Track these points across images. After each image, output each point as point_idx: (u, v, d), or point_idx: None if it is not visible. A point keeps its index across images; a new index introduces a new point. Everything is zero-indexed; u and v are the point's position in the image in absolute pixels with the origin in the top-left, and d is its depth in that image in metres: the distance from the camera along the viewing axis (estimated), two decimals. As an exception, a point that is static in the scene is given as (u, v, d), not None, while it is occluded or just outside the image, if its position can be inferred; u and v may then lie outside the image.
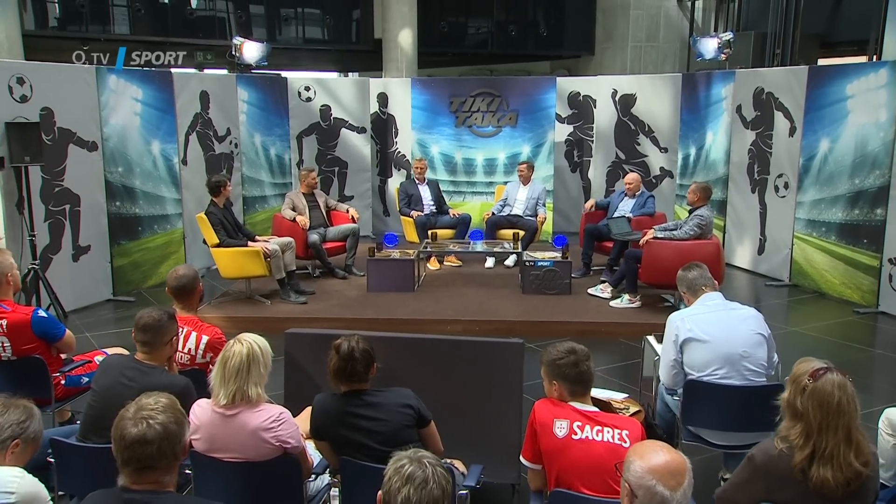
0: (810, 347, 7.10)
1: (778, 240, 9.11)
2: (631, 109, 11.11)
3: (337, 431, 3.21)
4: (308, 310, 7.57)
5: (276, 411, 3.15)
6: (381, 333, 4.35)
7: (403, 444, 3.15)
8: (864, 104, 7.87)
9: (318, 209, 8.96)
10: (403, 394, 3.29)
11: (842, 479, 2.64)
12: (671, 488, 2.22)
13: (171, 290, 4.30)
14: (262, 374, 3.15)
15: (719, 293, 4.31)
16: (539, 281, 8.03)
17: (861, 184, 7.91)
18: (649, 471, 2.25)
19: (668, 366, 4.16)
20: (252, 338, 3.21)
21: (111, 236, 8.20)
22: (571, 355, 3.12)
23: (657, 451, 2.30)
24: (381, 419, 3.18)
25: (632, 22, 14.91)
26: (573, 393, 3.11)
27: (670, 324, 4.18)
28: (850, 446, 2.68)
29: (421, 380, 4.13)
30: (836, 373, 2.75)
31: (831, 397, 2.68)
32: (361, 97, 11.37)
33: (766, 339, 4.06)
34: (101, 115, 7.96)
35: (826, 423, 2.67)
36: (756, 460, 2.82)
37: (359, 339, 3.26)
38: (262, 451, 3.11)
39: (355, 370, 3.19)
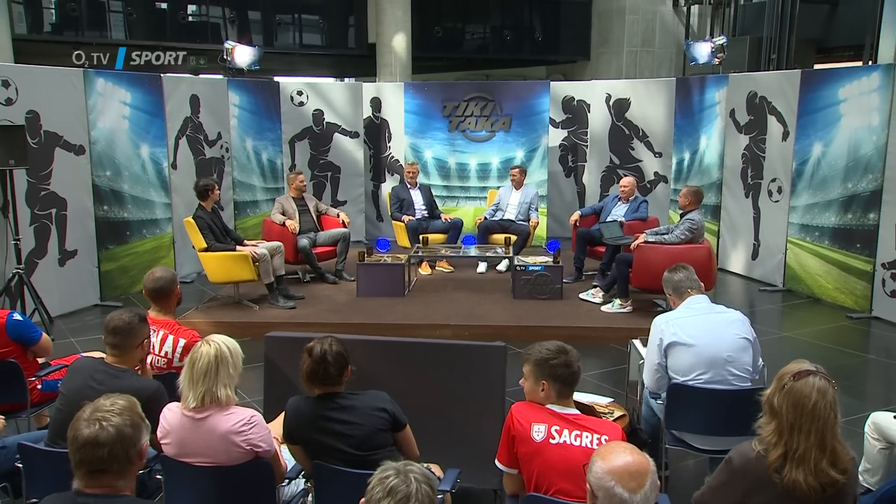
0: (803, 353, 7.03)
1: (772, 245, 9.06)
2: (625, 114, 11.07)
3: (310, 435, 3.16)
4: (296, 314, 7.52)
5: (248, 414, 3.10)
6: (361, 337, 4.31)
7: (378, 448, 3.12)
8: (857, 108, 7.83)
9: (308, 213, 8.92)
10: (378, 397, 3.24)
11: (815, 484, 2.59)
12: (631, 490, 2.18)
13: (148, 292, 4.26)
14: (231, 375, 3.10)
15: (705, 296, 4.26)
16: (530, 286, 7.98)
17: (854, 188, 7.87)
18: (609, 472, 2.20)
19: (652, 370, 4.11)
20: (221, 339, 3.16)
21: (99, 241, 8.15)
22: (563, 355, 3.07)
23: (620, 452, 2.26)
24: (354, 423, 3.13)
25: (627, 27, 14.91)
26: (561, 394, 3.06)
27: (655, 327, 4.14)
28: (823, 453, 2.62)
29: (402, 384, 4.09)
30: (821, 378, 2.69)
31: (807, 399, 2.63)
32: (354, 102, 11.33)
33: (751, 344, 4.01)
34: (88, 119, 7.92)
35: (798, 425, 2.63)
36: (733, 463, 2.77)
37: (332, 341, 3.21)
38: (232, 456, 3.05)
39: (328, 373, 3.14)
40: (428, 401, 3.97)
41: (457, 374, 4.06)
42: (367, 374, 4.08)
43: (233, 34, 14.40)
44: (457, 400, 4.04)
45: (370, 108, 11.59)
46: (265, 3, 15.13)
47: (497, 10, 16.35)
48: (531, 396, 3.13)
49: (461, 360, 4.09)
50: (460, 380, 4.04)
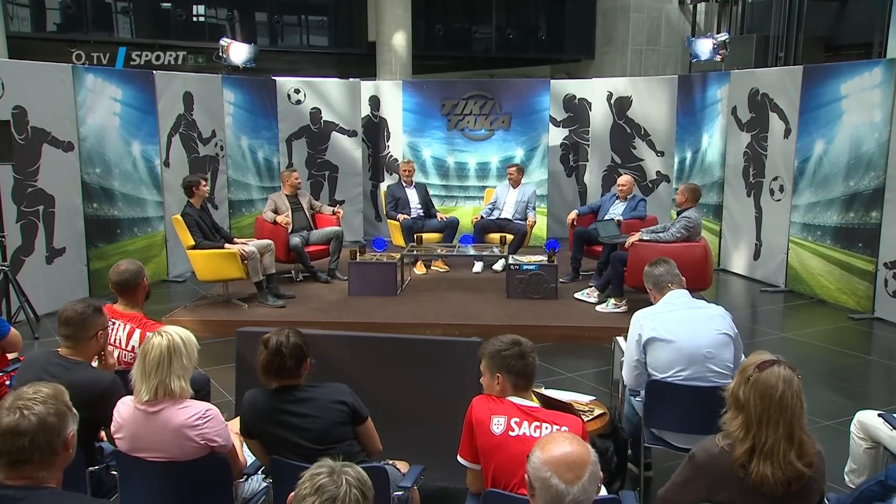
0: (804, 354, 6.96)
1: (773, 244, 8.96)
2: (626, 112, 10.98)
3: (266, 429, 3.10)
4: (285, 313, 7.47)
5: (202, 408, 3.05)
6: (335, 332, 4.26)
7: (336, 442, 3.06)
8: (859, 104, 7.73)
9: (301, 211, 8.87)
10: (338, 389, 3.18)
11: (781, 477, 2.54)
12: (567, 482, 2.11)
13: (114, 285, 4.21)
14: (185, 366, 3.05)
15: (685, 291, 4.17)
16: (524, 285, 7.91)
17: (856, 186, 7.76)
18: (546, 462, 2.14)
19: (631, 366, 4.04)
20: (174, 329, 3.11)
21: (88, 239, 8.13)
22: (516, 346, 3.02)
23: (559, 442, 2.20)
24: (312, 416, 3.07)
25: (632, 25, 14.83)
26: (516, 386, 3.00)
27: (634, 323, 4.07)
28: (791, 444, 2.57)
29: (375, 379, 4.06)
30: (785, 366, 2.64)
31: (774, 389, 2.58)
32: (352, 100, 11.29)
33: (732, 340, 3.93)
34: (77, 115, 7.91)
35: (767, 417, 2.57)
36: (697, 458, 2.71)
37: (289, 333, 3.15)
38: (186, 450, 3.00)
39: (284, 365, 3.08)
40: (401, 397, 3.92)
41: (431, 370, 4.00)
42: (339, 369, 4.04)
43: (230, 33, 14.42)
44: (431, 396, 3.98)
45: (369, 106, 11.55)
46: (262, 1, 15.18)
47: (500, 9, 16.29)
48: (489, 391, 3.07)
49: (435, 356, 4.04)
50: (435, 375, 3.99)
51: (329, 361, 4.04)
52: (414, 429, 3.82)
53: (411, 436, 3.72)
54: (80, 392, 3.15)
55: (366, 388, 4.01)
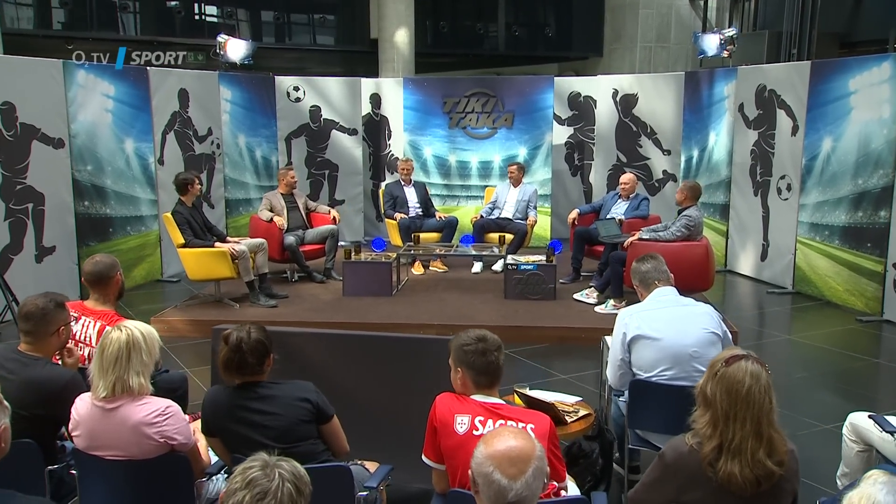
0: (809, 356, 6.90)
1: (781, 245, 8.86)
2: (632, 110, 10.91)
3: (227, 426, 3.06)
4: (277, 313, 7.44)
5: (162, 405, 3.01)
6: (309, 329, 4.22)
7: (299, 440, 3.02)
8: (868, 100, 7.63)
9: (297, 210, 8.85)
10: (302, 387, 3.13)
11: (750, 476, 2.49)
12: (510, 477, 2.06)
13: (86, 276, 4.18)
14: (144, 362, 3.01)
15: (672, 288, 4.10)
16: (522, 285, 7.85)
17: (864, 184, 7.66)
18: (489, 457, 2.10)
19: (615, 365, 3.98)
20: (134, 324, 3.08)
21: (79, 237, 8.12)
22: (480, 343, 2.95)
23: (503, 436, 2.16)
24: (274, 413, 3.03)
25: (641, 21, 14.75)
26: (477, 384, 2.94)
27: (619, 320, 4.01)
28: (759, 441, 2.52)
29: (348, 377, 4.03)
30: (753, 361, 2.60)
31: (741, 385, 2.53)
32: (353, 98, 11.27)
33: (720, 339, 3.86)
34: (68, 111, 7.91)
35: (734, 413, 2.53)
36: (666, 458, 2.67)
37: (251, 328, 3.11)
38: (145, 449, 2.96)
39: (245, 362, 3.04)
40: (374, 395, 3.88)
41: (405, 368, 3.95)
42: (312, 366, 4.01)
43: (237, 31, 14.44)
44: (405, 394, 3.92)
45: (369, 104, 11.53)
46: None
47: (507, 6, 16.24)
48: (455, 386, 3.02)
49: (410, 354, 3.99)
50: (409, 374, 3.94)
51: (302, 359, 4.01)
52: (387, 428, 3.77)
53: (384, 435, 3.68)
54: (38, 389, 3.14)
55: (339, 387, 3.98)
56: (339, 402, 3.84)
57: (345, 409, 3.82)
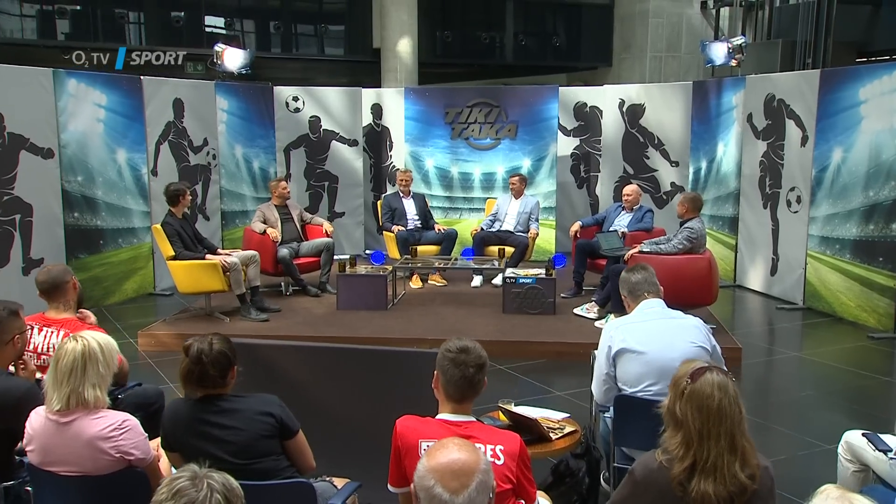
0: (818, 375, 6.82)
1: (791, 259, 8.77)
2: (639, 120, 10.84)
3: (187, 441, 3.01)
4: (267, 327, 7.41)
5: (119, 418, 2.97)
6: (284, 342, 4.19)
7: (261, 456, 2.97)
8: (878, 109, 7.55)
9: (291, 222, 8.83)
10: (265, 400, 3.08)
11: (724, 493, 2.44)
12: (452, 491, 2.01)
13: (41, 287, 4.17)
14: (101, 374, 2.98)
15: (660, 300, 4.05)
16: (520, 299, 7.79)
17: (876, 196, 7.57)
18: (431, 470, 2.05)
19: (600, 380, 3.92)
20: (91, 335, 3.04)
21: (68, 249, 8.11)
22: (460, 354, 2.87)
23: (446, 449, 2.11)
24: (234, 428, 2.98)
25: (651, 31, 14.72)
26: (447, 394, 2.87)
27: (604, 333, 3.95)
28: (734, 455, 2.48)
29: (324, 391, 3.98)
30: (717, 372, 2.56)
31: (711, 399, 2.48)
32: (353, 108, 11.26)
33: (708, 353, 3.79)
34: (58, 121, 7.93)
35: (707, 430, 2.48)
36: (636, 474, 2.62)
37: (213, 339, 3.07)
38: (100, 464, 2.92)
39: (206, 374, 3.00)
40: (351, 410, 3.83)
41: (384, 382, 3.90)
42: (287, 380, 3.98)
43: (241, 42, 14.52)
44: (382, 410, 3.84)
45: (371, 114, 11.52)
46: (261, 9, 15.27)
47: (512, 14, 16.23)
48: (434, 389, 2.94)
49: (387, 368, 3.93)
50: (387, 388, 3.89)
51: (277, 372, 3.98)
52: (361, 444, 3.71)
53: (358, 451, 3.62)
54: (-8, 400, 3.10)
55: (314, 401, 3.95)
56: (314, 416, 3.81)
57: (319, 424, 3.78)
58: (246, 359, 4.05)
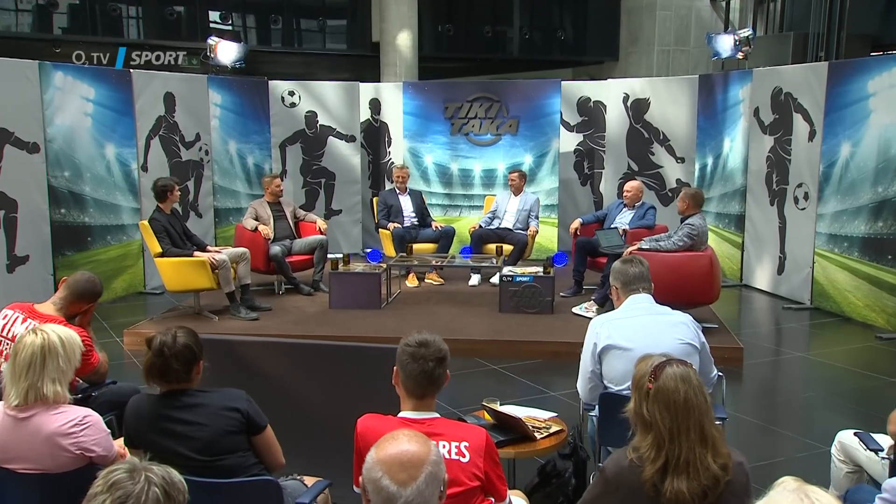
0: (823, 376, 6.78)
1: (798, 258, 8.71)
2: (644, 115, 10.79)
3: (149, 437, 2.99)
4: (257, 326, 7.40)
5: (79, 414, 2.95)
6: (258, 338, 4.17)
7: (227, 452, 2.95)
8: (887, 102, 7.49)
9: (284, 219, 8.83)
10: (232, 395, 3.06)
11: (698, 489, 2.42)
12: (400, 483, 1.98)
13: (77, 285, 4.19)
14: (61, 368, 2.96)
15: (649, 296, 4.01)
16: (518, 298, 7.76)
17: (885, 192, 7.51)
18: (378, 462, 2.03)
19: (586, 378, 3.90)
20: (52, 328, 3.03)
21: (55, 246, 8.11)
22: (421, 348, 2.86)
23: (396, 440, 2.08)
24: (198, 423, 2.96)
25: (659, 24, 14.66)
26: (407, 390, 2.85)
27: (590, 329, 3.92)
28: (705, 447, 2.47)
29: (298, 388, 3.96)
30: (677, 364, 2.56)
31: (676, 394, 2.47)
32: (350, 103, 11.25)
33: (696, 350, 3.76)
34: (44, 115, 7.93)
35: (677, 427, 2.47)
36: (607, 472, 2.60)
37: (177, 332, 3.05)
38: (60, 461, 2.90)
39: (170, 368, 2.98)
40: (324, 407, 3.80)
41: (358, 379, 3.88)
42: (260, 377, 3.96)
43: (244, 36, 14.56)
44: (356, 407, 3.82)
45: (369, 110, 11.51)
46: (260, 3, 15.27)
47: (518, 8, 16.20)
48: (395, 384, 2.92)
49: (369, 364, 3.91)
50: (361, 385, 3.85)
51: (252, 369, 3.97)
52: (339, 442, 3.67)
53: (331, 449, 3.59)
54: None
55: (291, 398, 3.93)
56: (292, 414, 3.80)
57: (298, 423, 3.77)
58: (223, 356, 4.06)
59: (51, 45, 14.07)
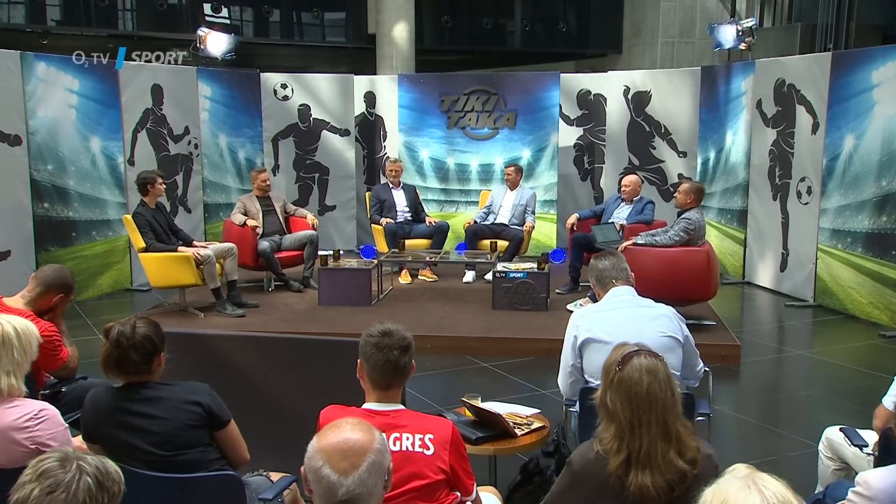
0: (824, 374, 6.75)
1: (801, 254, 8.66)
2: (645, 109, 10.74)
3: (108, 431, 2.96)
4: (243, 323, 7.39)
5: (35, 408, 2.93)
6: (230, 332, 4.16)
7: (187, 447, 2.93)
8: (891, 93, 7.44)
9: (273, 214, 8.81)
10: (194, 388, 3.03)
11: (663, 483, 2.39)
12: (341, 472, 1.97)
13: (45, 276, 4.18)
14: (17, 361, 2.94)
15: (630, 287, 3.99)
16: (511, 295, 7.73)
17: (889, 186, 7.46)
18: (319, 450, 2.02)
19: (566, 372, 3.89)
20: (7, 318, 3.01)
21: (37, 241, 8.09)
22: (385, 337, 2.84)
23: (339, 428, 2.07)
24: (158, 417, 2.93)
25: (662, 15, 14.58)
26: (373, 382, 2.83)
27: (570, 322, 3.91)
28: (668, 442, 2.44)
29: (279, 384, 3.95)
30: (646, 356, 2.53)
31: (639, 385, 2.45)
32: (345, 96, 11.22)
33: (679, 344, 3.73)
34: (26, 106, 7.91)
35: (637, 418, 2.45)
36: (573, 465, 2.59)
37: (138, 322, 3.02)
38: (14, 456, 2.86)
39: (128, 359, 2.95)
40: (295, 403, 3.77)
41: (329, 373, 3.85)
42: (237, 371, 3.96)
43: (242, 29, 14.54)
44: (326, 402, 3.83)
45: (363, 103, 11.49)
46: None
47: None
48: (359, 378, 2.90)
49: (344, 358, 3.88)
50: (333, 379, 3.83)
51: (225, 363, 3.95)
52: (304, 438, 3.66)
53: (300, 445, 3.56)
54: None
55: (264, 393, 3.91)
56: (257, 409, 3.79)
57: (262, 417, 3.75)
58: (195, 350, 4.05)
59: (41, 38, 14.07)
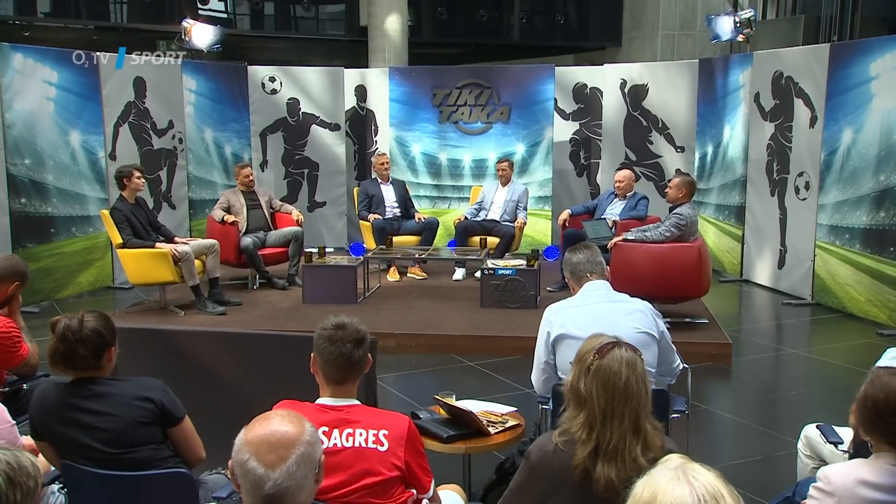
0: (819, 373, 6.74)
1: (799, 251, 8.64)
2: (642, 102, 10.71)
3: (55, 428, 2.94)
4: (224, 321, 7.38)
5: (-16, 405, 2.92)
6: (193, 328, 4.15)
7: (138, 444, 2.91)
8: (889, 85, 7.41)
9: (258, 210, 8.79)
10: (145, 384, 3.01)
11: (625, 478, 2.36)
12: (268, 465, 1.95)
13: None
14: None
15: (605, 282, 3.96)
16: (500, 292, 7.72)
17: (887, 181, 7.44)
18: (246, 443, 2.00)
19: (539, 369, 3.86)
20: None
21: (14, 238, 8.06)
22: (338, 330, 2.81)
23: (267, 420, 2.05)
24: (107, 413, 2.91)
25: (663, 7, 14.54)
26: (326, 376, 2.81)
27: (544, 318, 3.88)
28: (637, 438, 2.45)
29: (245, 380, 3.94)
30: (626, 349, 2.53)
31: (618, 377, 2.45)
32: (335, 90, 11.20)
33: (654, 340, 3.71)
34: (2, 99, 7.90)
35: (611, 410, 2.45)
36: (531, 458, 2.59)
37: (86, 316, 3.00)
38: (-41, 453, 2.87)
39: (76, 354, 2.93)
40: (254, 399, 3.75)
41: (292, 369, 3.84)
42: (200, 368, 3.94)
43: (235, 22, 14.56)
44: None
45: (354, 97, 11.47)
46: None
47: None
48: (314, 372, 2.88)
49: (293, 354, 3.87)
50: (296, 375, 3.81)
51: (188, 359, 3.94)
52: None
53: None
54: None
55: (230, 390, 3.90)
56: (218, 405, 3.77)
57: (223, 413, 3.73)
58: (161, 346, 4.04)
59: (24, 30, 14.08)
